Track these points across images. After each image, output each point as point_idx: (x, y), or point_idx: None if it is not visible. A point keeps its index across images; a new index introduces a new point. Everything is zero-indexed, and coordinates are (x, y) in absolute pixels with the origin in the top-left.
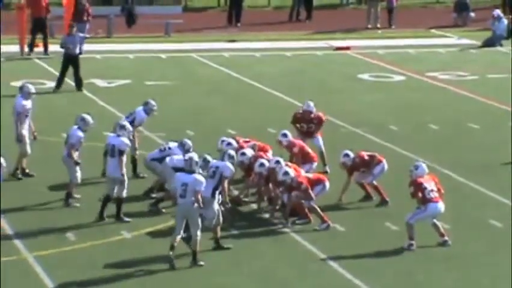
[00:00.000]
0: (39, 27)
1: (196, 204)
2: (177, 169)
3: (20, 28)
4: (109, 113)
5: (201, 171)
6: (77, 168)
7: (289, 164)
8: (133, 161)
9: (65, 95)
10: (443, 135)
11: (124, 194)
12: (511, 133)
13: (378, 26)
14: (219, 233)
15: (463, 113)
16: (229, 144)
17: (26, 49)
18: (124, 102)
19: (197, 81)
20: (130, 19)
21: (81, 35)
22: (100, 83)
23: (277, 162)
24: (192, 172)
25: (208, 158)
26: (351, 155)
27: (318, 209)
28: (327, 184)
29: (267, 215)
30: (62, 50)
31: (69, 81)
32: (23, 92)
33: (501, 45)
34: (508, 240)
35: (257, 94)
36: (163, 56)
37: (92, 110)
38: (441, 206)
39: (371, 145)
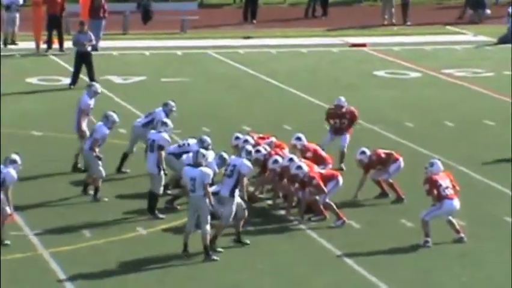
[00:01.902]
0: (55, 24)
1: (207, 198)
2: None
3: (36, 25)
4: (125, 110)
5: (216, 168)
6: (99, 162)
7: (303, 160)
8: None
9: (81, 92)
10: (458, 132)
11: (160, 190)
12: None
13: (394, 22)
14: (241, 228)
15: (478, 109)
16: (246, 141)
17: (44, 46)
18: (140, 99)
19: (212, 77)
20: (146, 16)
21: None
22: (116, 79)
23: (291, 160)
24: (198, 165)
25: (225, 155)
26: (368, 152)
27: (334, 206)
28: (341, 180)
29: (282, 212)
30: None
31: (84, 77)
32: (90, 91)
33: None
34: None
35: (272, 91)
36: (179, 52)
37: (108, 107)
38: (456, 203)
39: (387, 142)
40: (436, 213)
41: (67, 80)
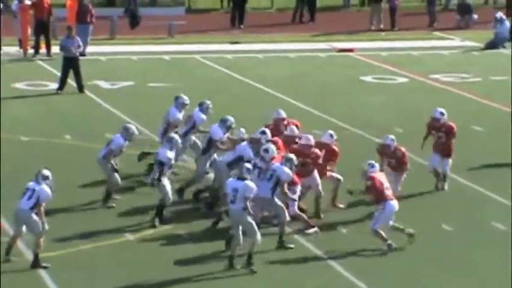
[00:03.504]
0: (42, 29)
1: (245, 211)
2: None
3: (23, 30)
4: (113, 115)
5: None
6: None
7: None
8: None
9: (68, 97)
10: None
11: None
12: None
13: (382, 27)
14: (284, 231)
15: (466, 115)
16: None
17: (31, 51)
18: (128, 104)
19: (200, 82)
20: (133, 20)
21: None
22: (103, 84)
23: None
24: (243, 179)
25: (249, 166)
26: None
27: (304, 216)
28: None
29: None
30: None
31: (72, 82)
32: (178, 104)
33: (504, 47)
34: (510, 242)
35: (260, 96)
36: (167, 57)
37: (96, 112)
38: (396, 204)
39: (375, 147)
40: (383, 218)
41: (54, 85)
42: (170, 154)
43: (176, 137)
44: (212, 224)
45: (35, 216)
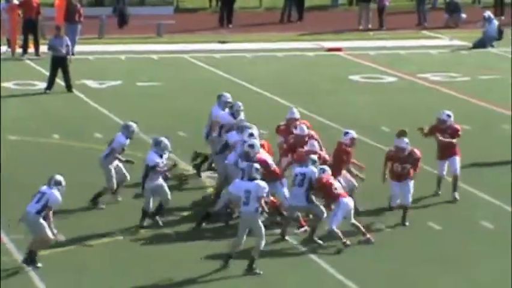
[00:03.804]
0: (31, 28)
1: (259, 211)
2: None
3: (11, 29)
4: (101, 114)
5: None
6: (113, 173)
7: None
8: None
9: (57, 96)
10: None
11: None
12: (500, 134)
13: (370, 27)
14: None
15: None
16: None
17: (19, 50)
18: (116, 104)
19: (188, 82)
20: (122, 20)
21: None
22: (92, 84)
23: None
24: (253, 179)
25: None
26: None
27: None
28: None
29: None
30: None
31: (60, 82)
32: (220, 101)
33: (492, 46)
34: (499, 241)
35: (248, 95)
36: (155, 57)
37: (84, 111)
38: (350, 201)
39: (363, 146)
40: (338, 216)
41: (43, 85)
42: (158, 158)
43: (165, 140)
44: (197, 224)
45: (41, 220)
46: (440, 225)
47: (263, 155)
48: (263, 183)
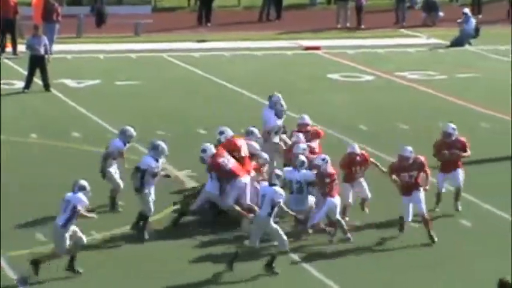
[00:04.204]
0: (8, 27)
1: (271, 216)
2: None
3: None
4: (79, 114)
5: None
6: (113, 174)
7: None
8: None
9: (35, 95)
10: (413, 135)
11: None
12: (478, 132)
13: (348, 25)
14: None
15: (432, 112)
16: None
17: None
18: (94, 103)
19: (167, 81)
20: (100, 19)
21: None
22: (70, 83)
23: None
24: (272, 185)
25: (279, 172)
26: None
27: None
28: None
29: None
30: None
31: (38, 81)
32: (272, 102)
33: (470, 44)
34: (477, 239)
35: (227, 94)
36: (133, 56)
37: (62, 110)
38: (337, 200)
39: (341, 145)
40: (321, 214)
41: (21, 84)
42: (153, 162)
43: (162, 144)
44: (173, 222)
45: (66, 235)
46: (419, 223)
47: (219, 156)
48: (280, 190)
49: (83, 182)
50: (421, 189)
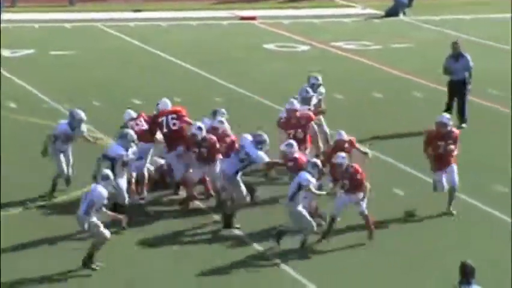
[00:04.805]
0: None
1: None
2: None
3: None
4: (14, 83)
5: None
6: (61, 159)
7: None
8: None
9: None
10: (348, 105)
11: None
12: (412, 102)
13: None
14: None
15: (367, 82)
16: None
17: None
18: (29, 72)
19: (102, 51)
20: None
21: None
22: (4, 52)
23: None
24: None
25: (318, 162)
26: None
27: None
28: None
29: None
30: None
31: None
32: (310, 83)
33: (404, 13)
34: (409, 208)
35: (162, 64)
36: (68, 25)
37: None
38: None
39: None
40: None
41: None
42: (122, 150)
43: (131, 133)
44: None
45: (92, 219)
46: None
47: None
48: (309, 176)
49: (107, 172)
50: (455, 164)
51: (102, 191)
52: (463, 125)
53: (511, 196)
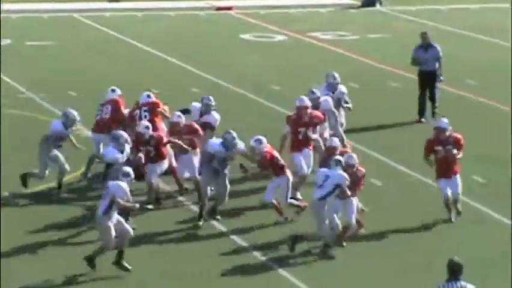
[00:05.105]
0: None
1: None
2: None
3: None
4: None
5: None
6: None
7: None
8: None
9: None
10: None
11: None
12: (388, 92)
13: None
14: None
15: (343, 72)
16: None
17: None
18: (5, 63)
19: (78, 41)
20: None
21: None
22: None
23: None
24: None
25: (340, 157)
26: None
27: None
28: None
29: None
30: None
31: None
32: (328, 83)
33: (381, 3)
34: (386, 198)
35: (139, 54)
36: (45, 16)
37: None
38: (290, 174)
39: (253, 105)
40: (273, 188)
41: None
42: (118, 154)
43: (124, 134)
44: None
45: (108, 223)
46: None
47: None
48: (344, 174)
49: (127, 169)
50: (459, 175)
51: (123, 187)
52: (435, 110)
53: (511, 196)
